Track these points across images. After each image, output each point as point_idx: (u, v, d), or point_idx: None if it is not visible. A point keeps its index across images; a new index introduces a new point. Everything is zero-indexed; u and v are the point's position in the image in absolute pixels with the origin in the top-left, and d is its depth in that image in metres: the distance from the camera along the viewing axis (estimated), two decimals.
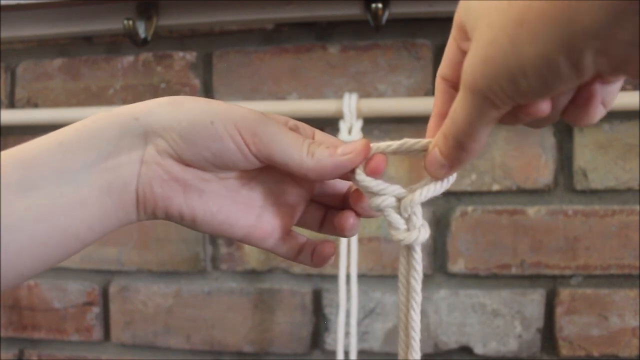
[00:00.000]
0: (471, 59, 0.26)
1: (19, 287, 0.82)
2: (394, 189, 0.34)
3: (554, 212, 0.71)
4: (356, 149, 0.33)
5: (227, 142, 0.32)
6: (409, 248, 0.34)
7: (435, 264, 0.74)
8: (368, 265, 0.74)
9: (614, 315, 0.71)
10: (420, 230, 0.33)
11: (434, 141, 0.31)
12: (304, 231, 0.38)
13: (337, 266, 0.70)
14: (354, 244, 0.69)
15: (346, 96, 0.69)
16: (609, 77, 0.27)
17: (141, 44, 0.73)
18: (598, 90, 0.27)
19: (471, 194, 0.73)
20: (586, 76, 0.23)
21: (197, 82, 0.78)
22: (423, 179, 0.34)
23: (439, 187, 0.33)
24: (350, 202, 0.36)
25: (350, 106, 0.68)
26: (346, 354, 0.70)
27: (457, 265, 0.73)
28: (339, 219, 0.36)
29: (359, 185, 0.34)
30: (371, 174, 0.33)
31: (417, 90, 0.73)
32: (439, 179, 0.33)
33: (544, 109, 0.26)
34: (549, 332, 0.72)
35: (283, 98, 0.76)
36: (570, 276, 0.72)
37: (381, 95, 0.74)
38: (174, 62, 0.78)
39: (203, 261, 0.78)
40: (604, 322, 0.71)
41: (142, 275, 0.80)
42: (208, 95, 0.78)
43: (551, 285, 0.72)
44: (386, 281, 0.75)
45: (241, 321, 0.78)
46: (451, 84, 0.32)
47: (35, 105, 0.82)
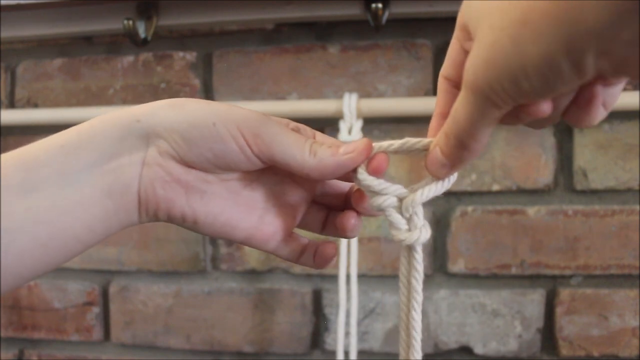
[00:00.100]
0: (473, 58, 0.26)
1: (18, 289, 0.82)
2: (396, 188, 0.33)
3: (554, 212, 0.71)
4: (358, 148, 0.33)
5: (229, 143, 0.32)
6: (410, 248, 0.34)
7: (435, 264, 0.74)
8: (368, 265, 0.74)
9: (614, 315, 0.71)
10: (421, 231, 0.33)
11: (435, 141, 0.31)
12: (306, 233, 0.38)
13: (337, 266, 0.70)
14: (354, 244, 0.69)
15: (346, 96, 0.69)
16: (610, 78, 0.27)
17: (141, 44, 0.73)
18: (599, 92, 0.27)
19: (471, 194, 0.73)
20: (587, 77, 0.23)
21: (197, 82, 0.78)
22: (423, 179, 0.34)
23: (440, 187, 0.33)
24: (352, 201, 0.36)
25: (350, 106, 0.68)
26: (346, 354, 0.70)
27: (457, 265, 0.73)
28: (340, 219, 0.36)
29: (361, 185, 0.34)
30: (373, 173, 0.33)
31: (417, 90, 0.73)
32: (440, 179, 0.33)
33: (545, 109, 0.26)
34: (549, 332, 0.72)
35: (283, 98, 0.76)
36: (570, 276, 0.72)
37: (381, 95, 0.74)
38: (174, 62, 0.78)
39: (203, 261, 0.78)
40: (604, 322, 0.71)
41: (142, 275, 0.80)
42: (208, 95, 0.78)
43: (551, 285, 0.72)
44: (386, 281, 0.75)
45: (241, 321, 0.78)
46: (454, 83, 0.32)
47: (35, 105, 0.82)
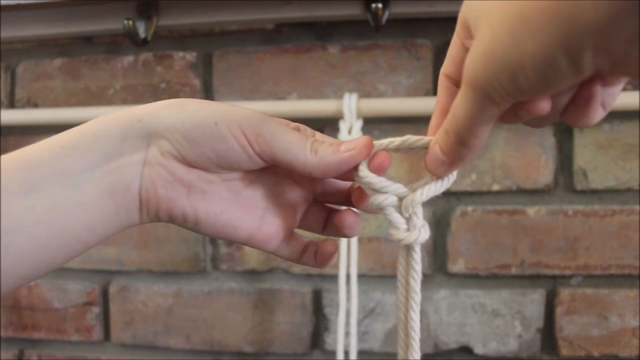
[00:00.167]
0: (472, 55, 0.26)
1: (19, 289, 0.82)
2: (397, 187, 0.33)
3: (554, 212, 0.71)
4: (359, 146, 0.33)
5: (232, 143, 0.32)
6: (408, 248, 0.34)
7: (435, 264, 0.74)
8: (368, 265, 0.74)
9: (614, 315, 0.71)
10: (420, 231, 0.33)
11: (434, 138, 0.31)
12: (306, 234, 0.38)
13: (337, 266, 0.70)
14: (354, 244, 0.69)
15: (346, 96, 0.69)
16: (609, 77, 0.27)
17: (141, 44, 0.73)
18: (598, 92, 0.27)
19: (471, 194, 0.73)
20: (585, 74, 0.23)
21: (197, 82, 0.78)
22: (423, 178, 0.34)
23: (439, 186, 0.33)
24: (352, 199, 0.36)
25: (350, 106, 0.68)
26: (346, 354, 0.70)
27: (457, 265, 0.73)
28: (339, 217, 0.36)
29: (362, 183, 0.33)
30: (376, 170, 0.33)
31: (417, 90, 0.73)
32: (439, 177, 0.32)
33: (544, 107, 0.26)
34: (549, 332, 0.72)
35: (283, 98, 0.76)
36: (570, 276, 0.72)
37: (381, 95, 0.74)
38: (174, 62, 0.78)
39: (203, 261, 0.78)
40: (604, 322, 0.71)
41: (142, 275, 0.80)
42: (208, 95, 0.78)
43: (551, 285, 0.72)
44: (386, 281, 0.75)
45: (241, 321, 0.78)
46: (454, 81, 0.32)
47: (35, 105, 0.82)
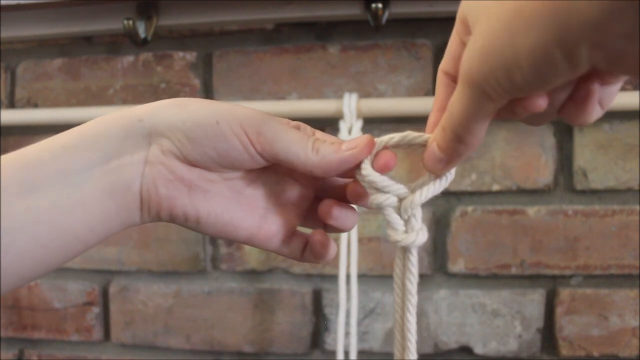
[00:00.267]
0: (469, 51, 0.26)
1: (19, 289, 0.82)
2: (398, 187, 0.33)
3: (554, 212, 0.71)
4: (360, 144, 0.33)
5: (233, 142, 0.32)
6: (405, 250, 0.34)
7: (435, 264, 0.74)
8: (368, 265, 0.74)
9: (614, 315, 0.71)
10: (418, 234, 0.33)
11: (432, 135, 0.31)
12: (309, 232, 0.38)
13: (337, 266, 0.70)
14: (354, 244, 0.69)
15: (346, 96, 0.69)
16: (606, 75, 0.26)
17: (141, 44, 0.73)
18: (596, 90, 0.27)
19: (471, 194, 0.73)
20: (581, 70, 0.23)
21: (197, 82, 0.78)
22: (421, 177, 0.33)
23: (437, 186, 0.33)
24: (347, 193, 0.35)
25: (350, 106, 0.68)
26: (346, 354, 0.70)
27: (457, 265, 0.73)
28: (320, 207, 0.35)
29: (364, 181, 0.33)
30: (381, 170, 0.33)
31: (417, 90, 0.73)
32: (437, 174, 0.32)
33: (541, 104, 0.26)
34: (549, 332, 0.72)
35: (283, 98, 0.76)
36: (570, 276, 0.72)
37: (381, 95, 0.74)
38: (174, 62, 0.78)
39: (203, 261, 0.78)
40: (604, 322, 0.71)
41: (142, 275, 0.80)
42: (208, 95, 0.78)
43: (551, 285, 0.72)
44: (386, 281, 0.75)
45: (241, 321, 0.78)
46: (453, 78, 0.31)
47: (35, 105, 0.82)
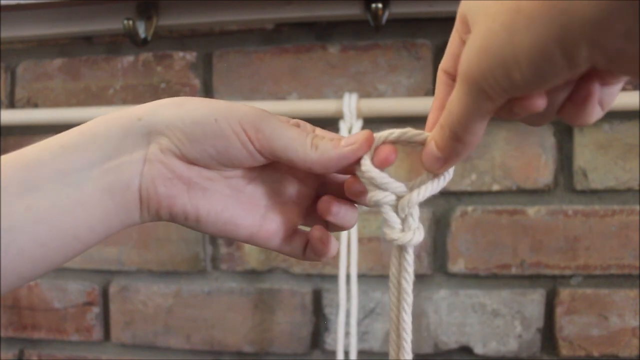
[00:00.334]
0: (468, 50, 0.26)
1: (19, 288, 0.82)
2: (397, 185, 0.33)
3: (554, 212, 0.71)
4: (359, 140, 0.32)
5: (232, 139, 0.32)
6: (401, 249, 0.34)
7: (435, 264, 0.74)
8: (368, 265, 0.74)
9: (614, 315, 0.71)
10: (415, 233, 0.33)
11: (431, 134, 0.31)
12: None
13: (337, 266, 0.70)
14: (354, 244, 0.69)
15: (346, 96, 0.69)
16: (607, 75, 0.26)
17: (141, 44, 0.73)
18: (596, 90, 0.27)
19: (471, 194, 0.73)
20: (580, 69, 0.22)
21: (197, 82, 0.78)
22: (419, 176, 0.33)
23: (436, 185, 0.32)
24: (344, 188, 0.35)
25: (350, 106, 0.68)
26: (346, 354, 0.70)
27: (457, 265, 0.73)
28: (319, 203, 0.35)
29: (364, 177, 0.33)
30: (381, 165, 0.32)
31: (417, 90, 0.73)
32: (435, 173, 0.32)
33: (539, 103, 0.26)
34: (549, 332, 0.72)
35: (283, 98, 0.76)
36: (570, 276, 0.72)
37: (381, 95, 0.74)
38: (174, 62, 0.78)
39: (203, 261, 0.78)
40: (604, 322, 0.71)
41: (142, 275, 0.80)
42: (208, 95, 0.78)
43: (551, 285, 0.72)
44: (386, 281, 0.74)
45: (241, 321, 0.78)
46: (453, 77, 0.31)
47: (35, 105, 0.82)
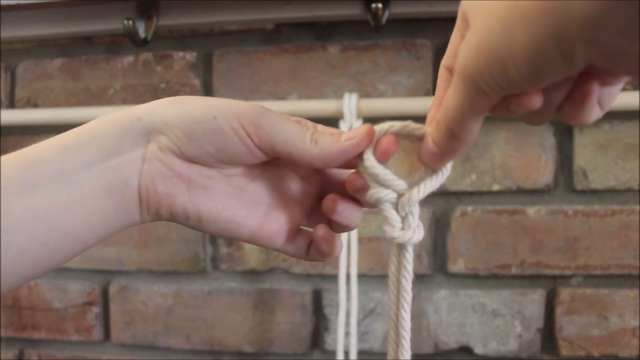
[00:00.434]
0: (465, 46, 0.26)
1: (19, 288, 0.82)
2: (399, 183, 0.33)
3: (554, 212, 0.71)
4: (360, 134, 0.32)
5: (231, 136, 0.32)
6: (401, 247, 0.34)
7: (435, 264, 0.74)
8: (368, 265, 0.74)
9: (614, 315, 0.71)
10: (415, 231, 0.33)
11: (429, 129, 0.31)
12: None
13: (337, 266, 0.70)
14: (354, 244, 0.69)
15: (346, 96, 0.69)
16: (606, 76, 0.26)
17: (141, 44, 0.73)
18: (595, 89, 0.27)
19: (471, 194, 0.73)
20: (577, 66, 0.22)
21: (197, 82, 0.78)
22: (417, 173, 0.33)
23: (434, 182, 0.32)
24: (347, 187, 0.35)
25: (350, 106, 0.68)
26: (346, 354, 0.70)
27: (457, 265, 0.73)
28: (324, 202, 0.35)
29: (367, 173, 0.33)
30: (381, 156, 0.32)
31: (417, 90, 0.73)
32: (432, 169, 0.32)
33: (535, 101, 0.25)
34: (549, 332, 0.72)
35: (283, 98, 0.76)
36: (570, 276, 0.72)
37: (381, 95, 0.74)
38: (174, 62, 0.78)
39: (203, 261, 0.78)
40: (604, 322, 0.71)
41: (142, 275, 0.80)
42: (208, 95, 0.78)
43: (551, 285, 0.72)
44: (386, 281, 0.74)
45: (241, 321, 0.78)
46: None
47: (35, 105, 0.82)
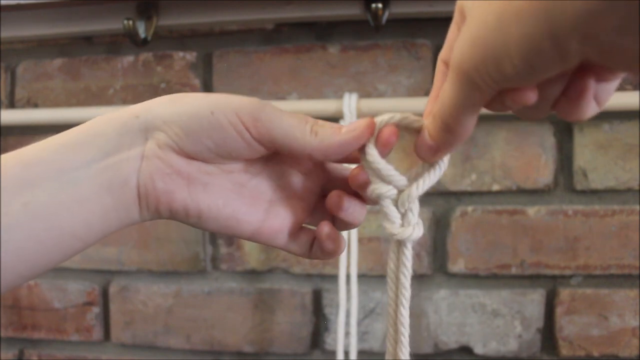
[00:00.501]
0: (460, 41, 0.26)
1: (19, 287, 0.82)
2: (400, 179, 0.33)
3: (554, 212, 0.71)
4: (361, 127, 0.32)
5: (229, 130, 0.32)
6: (400, 244, 0.34)
7: (435, 264, 0.74)
8: (368, 265, 0.74)
9: (614, 315, 0.71)
10: (414, 228, 0.33)
11: (426, 122, 0.31)
12: None
13: (337, 266, 0.70)
14: (354, 244, 0.69)
15: (346, 96, 0.69)
16: (600, 70, 0.26)
17: (141, 44, 0.73)
18: (591, 85, 0.27)
19: (471, 194, 0.73)
20: (572, 62, 0.22)
21: (197, 82, 0.78)
22: (414, 168, 0.33)
23: (432, 176, 0.32)
24: (350, 181, 0.35)
25: (350, 106, 0.68)
26: (346, 354, 0.70)
27: (457, 265, 0.73)
28: (329, 198, 0.34)
29: (369, 167, 0.32)
30: (383, 147, 0.32)
31: (417, 90, 0.73)
32: (429, 162, 0.32)
33: (530, 96, 0.25)
34: (549, 332, 0.72)
35: (283, 98, 0.76)
36: (570, 276, 0.72)
37: (381, 95, 0.74)
38: (174, 62, 0.78)
39: (203, 261, 0.78)
40: (604, 322, 0.71)
41: (142, 275, 0.80)
42: None
43: (551, 285, 0.72)
44: (386, 281, 0.75)
45: (241, 321, 0.78)
46: None
47: (35, 105, 0.82)
